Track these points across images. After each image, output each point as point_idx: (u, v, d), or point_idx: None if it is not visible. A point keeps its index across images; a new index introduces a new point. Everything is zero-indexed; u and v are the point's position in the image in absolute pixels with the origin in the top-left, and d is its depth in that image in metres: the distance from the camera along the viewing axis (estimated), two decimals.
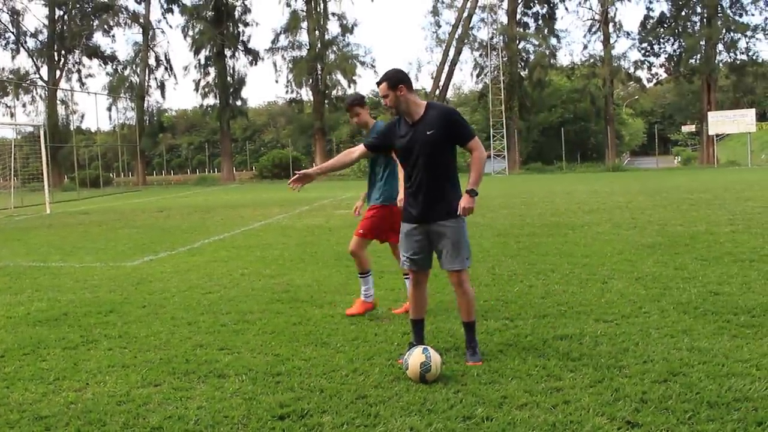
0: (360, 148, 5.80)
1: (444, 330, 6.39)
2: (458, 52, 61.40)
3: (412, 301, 5.72)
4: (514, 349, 5.71)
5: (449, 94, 67.45)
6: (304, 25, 61.34)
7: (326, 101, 63.26)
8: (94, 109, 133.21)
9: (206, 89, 63.39)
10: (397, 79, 5.40)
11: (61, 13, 63.31)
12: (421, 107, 5.44)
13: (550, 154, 62.38)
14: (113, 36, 75.86)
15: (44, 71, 64.42)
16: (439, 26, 64.89)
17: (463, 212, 5.34)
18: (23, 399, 4.92)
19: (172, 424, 4.37)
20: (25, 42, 64.04)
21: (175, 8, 63.73)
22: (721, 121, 52.26)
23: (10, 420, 4.53)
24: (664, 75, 65.86)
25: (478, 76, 63.42)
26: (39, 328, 7.07)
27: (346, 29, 62.45)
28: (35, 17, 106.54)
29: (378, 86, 5.51)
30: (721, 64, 59.26)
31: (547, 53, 61.09)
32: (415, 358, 5.02)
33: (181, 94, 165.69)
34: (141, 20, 63.49)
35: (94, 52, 65.30)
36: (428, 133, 5.35)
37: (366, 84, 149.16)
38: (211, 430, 4.25)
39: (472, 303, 5.61)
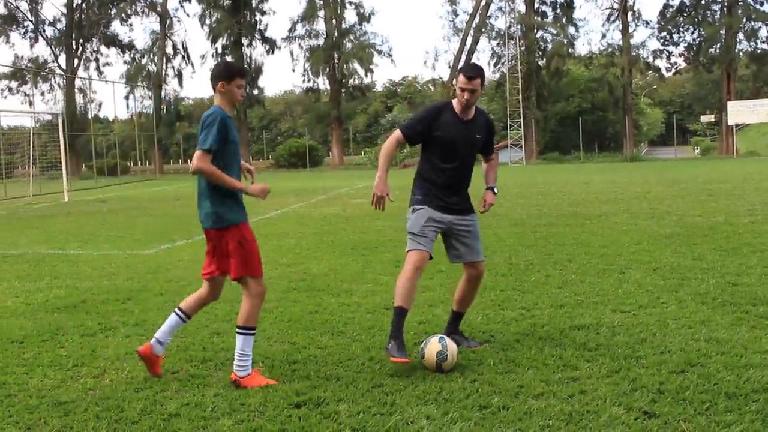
0: (399, 139, 5.46)
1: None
2: (476, 41, 61.26)
3: (410, 288, 5.28)
4: (530, 339, 5.69)
5: None
6: (321, 13, 61.39)
7: (343, 90, 63.27)
8: (112, 97, 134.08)
9: None
10: (485, 77, 5.44)
11: (80, 1, 63.58)
12: (474, 108, 5.48)
13: (567, 144, 62.12)
14: (131, 25, 76.07)
15: (62, 60, 64.84)
16: (457, 15, 64.75)
17: (489, 207, 5.68)
18: (42, 385, 4.96)
19: (189, 410, 4.39)
20: (44, 30, 64.45)
21: None
22: (740, 111, 51.84)
23: (29, 405, 4.57)
24: (683, 64, 65.50)
25: (495, 65, 63.28)
26: (57, 314, 7.13)
27: (363, 18, 62.49)
28: (53, 5, 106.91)
29: (471, 80, 5.25)
30: (741, 54, 58.74)
31: (565, 42, 60.81)
32: (431, 347, 5.01)
33: (199, 82, 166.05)
34: (158, 9, 63.68)
35: (112, 41, 65.59)
36: (477, 136, 5.51)
37: (382, 73, 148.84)
38: (228, 418, 4.26)
39: None
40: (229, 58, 62.58)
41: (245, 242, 5.01)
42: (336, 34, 60.99)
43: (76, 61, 64.43)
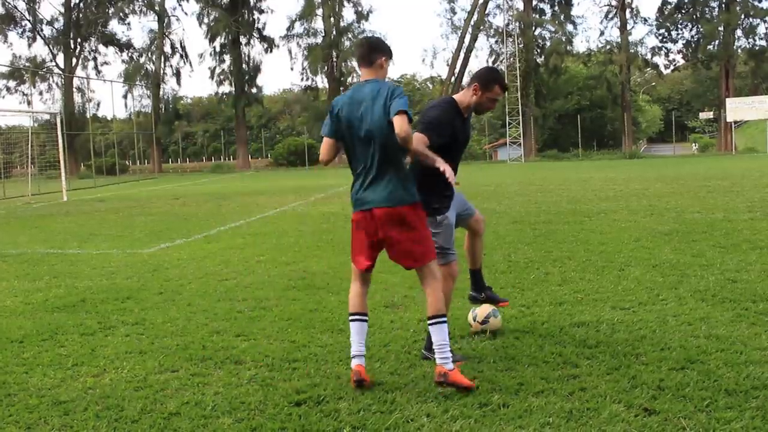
0: (426, 144, 4.97)
1: (462, 317, 6.36)
2: (474, 39, 61.22)
3: (447, 294, 5.26)
4: (530, 336, 5.69)
5: (464, 81, 67.19)
6: (319, 12, 61.33)
7: (341, 88, 63.19)
8: (110, 96, 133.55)
9: (221, 77, 63.58)
10: None
11: (77, 0, 63.51)
12: None
13: (566, 142, 62.20)
14: (129, 23, 76.30)
15: (60, 59, 64.73)
16: (455, 12, 64.73)
17: None
18: (42, 384, 4.96)
19: (189, 409, 4.39)
20: (42, 30, 64.35)
21: None
22: (739, 108, 51.83)
23: (29, 405, 4.56)
24: (682, 61, 65.53)
25: (493, 62, 63.07)
26: (57, 314, 7.12)
27: (362, 16, 62.41)
28: (51, 5, 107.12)
29: (504, 92, 5.38)
30: (739, 50, 58.80)
31: (564, 40, 60.75)
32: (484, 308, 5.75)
33: (197, 81, 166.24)
34: (156, 8, 63.57)
35: (110, 40, 65.55)
36: (471, 129, 5.60)
37: None
38: (228, 416, 4.26)
39: None
40: (227, 57, 62.59)
41: (424, 220, 4.80)
42: (334, 32, 60.92)
43: (74, 60, 64.42)
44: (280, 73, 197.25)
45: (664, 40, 62.33)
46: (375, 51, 4.82)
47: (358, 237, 4.92)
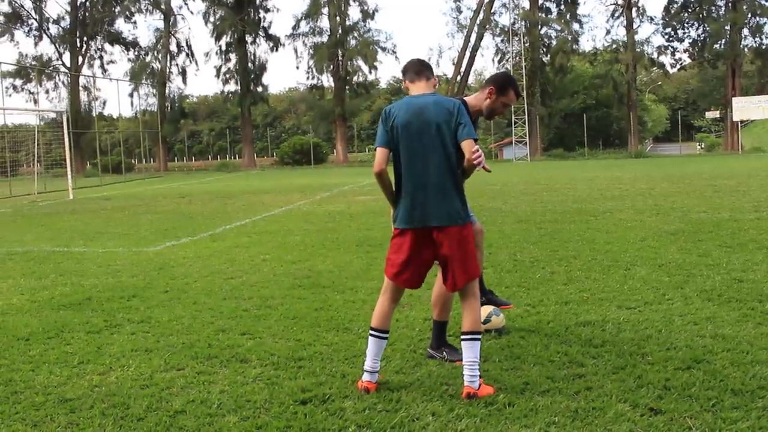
0: None
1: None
2: (480, 38, 61.09)
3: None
4: (536, 336, 5.69)
5: (470, 80, 67.20)
6: (325, 11, 61.28)
7: (347, 87, 63.23)
8: (116, 95, 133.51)
9: (227, 75, 63.58)
10: None
11: None
12: None
13: (571, 141, 62.08)
14: (135, 22, 75.97)
15: (66, 57, 64.77)
16: (460, 11, 64.97)
17: None
18: (48, 382, 4.97)
19: (194, 407, 4.39)
20: (48, 28, 64.39)
21: None
22: (745, 107, 51.70)
23: (35, 402, 4.57)
24: (688, 60, 65.32)
25: (499, 62, 63.11)
26: (63, 312, 7.14)
27: (367, 15, 62.37)
28: (57, 3, 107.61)
29: (518, 99, 5.43)
30: (746, 50, 58.59)
31: (569, 39, 60.58)
32: (484, 308, 5.55)
33: (203, 80, 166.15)
34: (162, 6, 63.54)
35: (116, 39, 65.56)
36: None
37: (386, 70, 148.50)
38: (234, 414, 4.27)
39: None
40: (232, 56, 62.64)
41: (471, 241, 4.69)
42: (340, 31, 60.92)
43: (80, 59, 64.44)
44: (286, 71, 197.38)
45: (671, 39, 62.21)
46: (430, 69, 4.83)
47: (409, 253, 4.74)
